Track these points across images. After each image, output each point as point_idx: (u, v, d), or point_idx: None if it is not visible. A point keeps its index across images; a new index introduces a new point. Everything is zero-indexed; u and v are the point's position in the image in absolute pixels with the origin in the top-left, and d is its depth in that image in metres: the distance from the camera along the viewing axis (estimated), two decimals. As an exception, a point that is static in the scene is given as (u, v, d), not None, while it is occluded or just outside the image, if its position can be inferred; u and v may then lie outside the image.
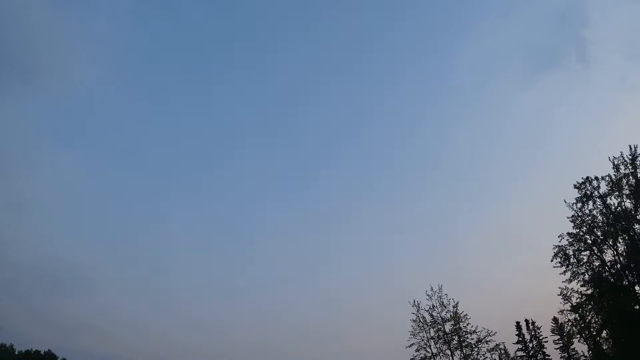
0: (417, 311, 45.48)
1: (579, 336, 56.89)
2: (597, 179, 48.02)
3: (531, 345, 66.43)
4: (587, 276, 47.55)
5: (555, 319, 65.47)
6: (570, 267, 48.08)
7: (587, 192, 48.25)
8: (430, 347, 44.30)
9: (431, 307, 45.48)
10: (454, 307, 45.11)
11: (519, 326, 67.35)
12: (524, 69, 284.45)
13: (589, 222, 48.13)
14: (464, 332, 44.27)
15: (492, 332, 44.02)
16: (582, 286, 47.98)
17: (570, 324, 57.42)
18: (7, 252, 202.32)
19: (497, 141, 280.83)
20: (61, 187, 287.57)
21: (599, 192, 47.90)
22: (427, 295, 45.86)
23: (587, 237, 48.09)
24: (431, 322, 45.04)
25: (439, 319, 45.10)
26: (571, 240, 48.49)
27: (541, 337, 66.76)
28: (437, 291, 45.82)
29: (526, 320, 68.08)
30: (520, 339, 66.59)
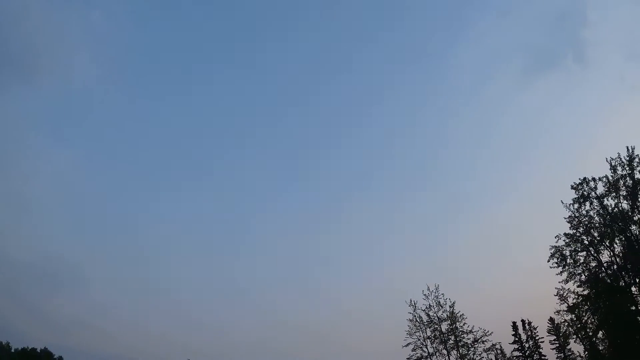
0: (414, 311, 45.58)
1: (575, 337, 56.97)
2: (594, 180, 48.13)
3: (527, 345, 66.49)
4: (583, 277, 47.65)
5: (551, 320, 65.51)
6: (566, 267, 48.15)
7: (584, 193, 48.33)
8: (426, 346, 44.42)
9: (428, 306, 45.61)
10: (450, 306, 45.27)
11: (515, 326, 67.39)
12: (523, 69, 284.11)
13: (586, 222, 48.22)
14: (461, 332, 44.38)
15: (488, 332, 44.20)
16: (578, 287, 48.12)
17: (566, 324, 57.45)
18: (7, 251, 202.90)
19: (496, 141, 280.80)
20: (61, 187, 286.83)
21: (596, 193, 48.00)
22: (424, 295, 45.97)
23: (584, 237, 48.18)
24: (428, 321, 45.13)
25: (436, 318, 45.21)
26: (568, 240, 48.56)
27: (537, 338, 66.83)
28: (434, 291, 45.96)
29: (522, 320, 68.16)
30: (516, 339, 66.65)
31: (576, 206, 48.47)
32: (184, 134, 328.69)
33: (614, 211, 46.82)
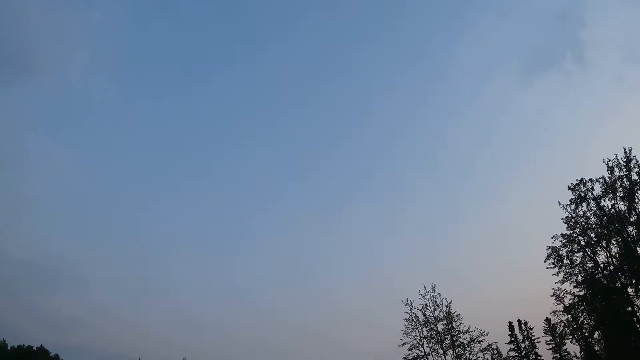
0: (410, 310, 45.51)
1: (571, 337, 57.25)
2: (591, 180, 48.23)
3: (523, 345, 66.70)
4: (580, 277, 47.71)
5: (547, 320, 65.73)
6: (563, 268, 48.24)
7: (581, 193, 48.43)
8: (422, 346, 44.30)
9: (424, 306, 45.47)
10: (447, 306, 45.12)
11: (511, 326, 67.60)
12: (523, 69, 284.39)
13: (583, 223, 48.32)
14: (457, 332, 44.29)
15: (484, 332, 44.06)
16: (575, 287, 48.18)
17: (562, 324, 57.74)
18: (7, 250, 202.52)
19: (495, 141, 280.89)
20: (60, 186, 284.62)
21: (593, 193, 48.10)
22: (420, 294, 45.88)
23: (581, 238, 48.29)
24: (424, 321, 45.02)
25: (432, 318, 45.10)
26: (565, 241, 48.66)
27: (533, 338, 67.05)
28: (431, 290, 45.83)
29: (519, 320, 68.39)
30: (512, 339, 66.84)
31: (573, 207, 48.58)
32: (184, 134, 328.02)
33: (611, 212, 46.92)
